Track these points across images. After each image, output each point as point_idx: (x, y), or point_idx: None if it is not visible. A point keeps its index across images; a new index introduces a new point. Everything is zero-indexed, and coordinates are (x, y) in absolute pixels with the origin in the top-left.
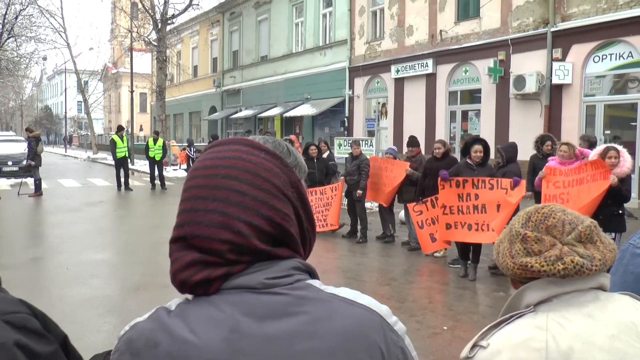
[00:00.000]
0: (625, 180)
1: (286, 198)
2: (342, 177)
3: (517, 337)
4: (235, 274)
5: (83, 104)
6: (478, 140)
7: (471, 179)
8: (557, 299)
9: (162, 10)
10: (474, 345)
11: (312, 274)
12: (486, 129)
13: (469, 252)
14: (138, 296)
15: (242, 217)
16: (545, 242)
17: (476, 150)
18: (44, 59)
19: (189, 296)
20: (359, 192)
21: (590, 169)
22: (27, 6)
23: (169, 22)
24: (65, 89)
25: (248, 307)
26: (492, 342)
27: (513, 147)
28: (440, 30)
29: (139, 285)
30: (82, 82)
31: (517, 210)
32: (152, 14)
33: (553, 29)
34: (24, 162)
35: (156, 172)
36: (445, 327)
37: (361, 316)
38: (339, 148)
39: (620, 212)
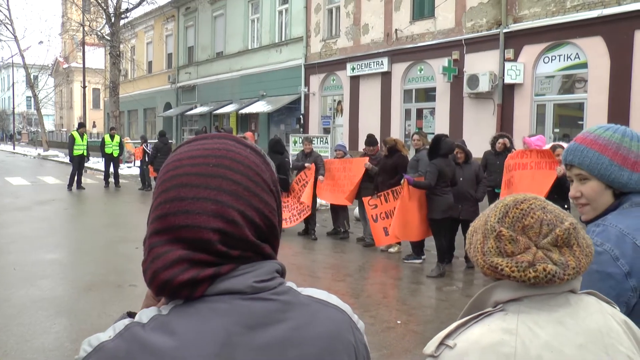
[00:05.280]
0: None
1: (272, 193)
2: (312, 164)
3: (486, 340)
4: (223, 275)
5: (33, 99)
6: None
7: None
8: (528, 299)
9: (115, 4)
10: (440, 344)
11: (284, 275)
12: (441, 127)
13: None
14: (90, 296)
15: (235, 206)
16: (520, 243)
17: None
18: None
19: (158, 307)
20: (321, 177)
21: (535, 156)
22: None
23: (123, 16)
24: (13, 84)
25: (239, 316)
26: (459, 343)
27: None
28: (396, 29)
29: (91, 286)
30: (32, 77)
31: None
32: (104, 7)
33: (505, 30)
34: None
35: (111, 170)
36: (399, 322)
37: (337, 318)
38: (294, 145)
39: (566, 206)
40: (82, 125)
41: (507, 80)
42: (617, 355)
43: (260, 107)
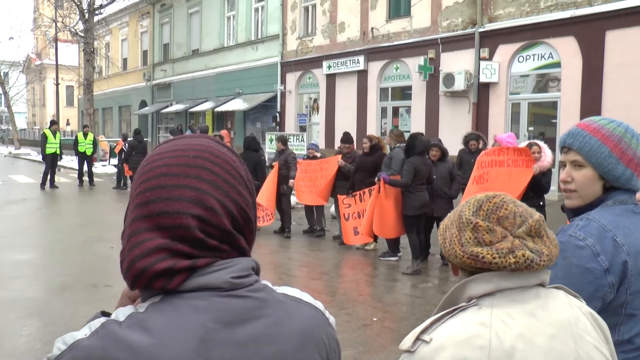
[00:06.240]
0: (545, 174)
1: (247, 188)
2: (276, 163)
3: (461, 334)
4: (199, 268)
5: (3, 96)
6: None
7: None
8: (501, 294)
9: (89, 0)
10: (417, 339)
11: (259, 273)
12: (416, 125)
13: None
14: (63, 297)
15: (214, 195)
16: (497, 233)
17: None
18: None
19: (136, 306)
20: (292, 181)
21: (512, 154)
22: None
23: (97, 12)
24: None
25: (216, 312)
26: (435, 337)
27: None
28: (372, 28)
29: (64, 286)
30: (2, 74)
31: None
32: (78, 3)
33: (480, 30)
34: None
35: (85, 168)
36: (375, 319)
37: (310, 315)
38: (270, 143)
39: (541, 203)
40: (54, 123)
41: (483, 79)
42: (585, 344)
43: (236, 105)
